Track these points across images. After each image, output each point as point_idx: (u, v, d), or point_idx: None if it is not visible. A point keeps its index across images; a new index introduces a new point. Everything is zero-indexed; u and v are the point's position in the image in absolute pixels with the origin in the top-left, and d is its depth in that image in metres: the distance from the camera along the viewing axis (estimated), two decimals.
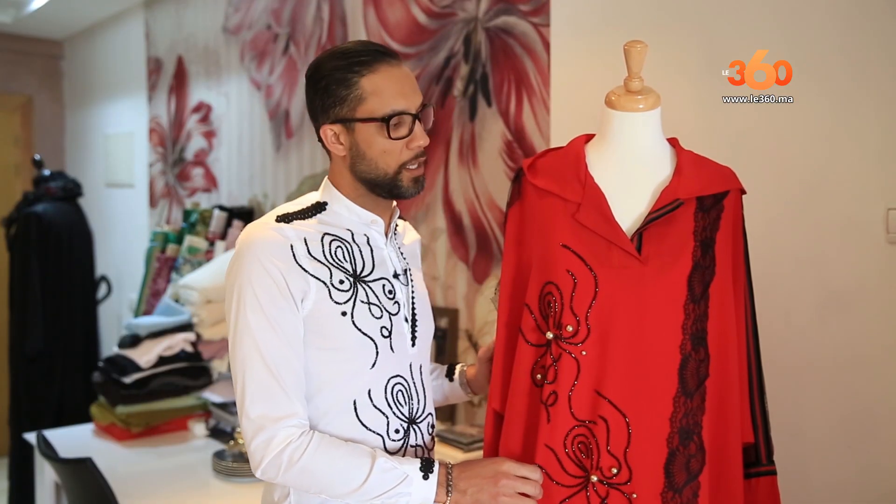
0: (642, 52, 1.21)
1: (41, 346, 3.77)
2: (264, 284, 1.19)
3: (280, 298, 1.20)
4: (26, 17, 4.60)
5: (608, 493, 1.18)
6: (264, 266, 1.20)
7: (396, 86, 1.24)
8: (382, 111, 1.23)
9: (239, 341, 1.20)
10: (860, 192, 1.56)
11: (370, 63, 1.23)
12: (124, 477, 2.32)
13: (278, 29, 3.33)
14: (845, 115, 1.58)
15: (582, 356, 1.19)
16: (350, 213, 1.30)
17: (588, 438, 1.19)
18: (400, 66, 1.26)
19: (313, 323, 1.22)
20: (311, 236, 1.25)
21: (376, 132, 1.24)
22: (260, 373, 1.19)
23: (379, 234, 1.32)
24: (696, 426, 1.18)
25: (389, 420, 1.27)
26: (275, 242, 1.21)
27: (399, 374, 1.29)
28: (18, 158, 5.24)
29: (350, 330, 1.23)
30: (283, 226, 1.24)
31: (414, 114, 1.24)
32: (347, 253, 1.27)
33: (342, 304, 1.23)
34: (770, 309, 1.57)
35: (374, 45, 1.26)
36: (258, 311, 1.19)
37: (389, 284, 1.30)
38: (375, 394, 1.26)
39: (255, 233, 1.23)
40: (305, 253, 1.22)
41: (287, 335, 1.20)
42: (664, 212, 1.20)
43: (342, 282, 1.24)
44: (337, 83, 1.24)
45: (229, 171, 3.72)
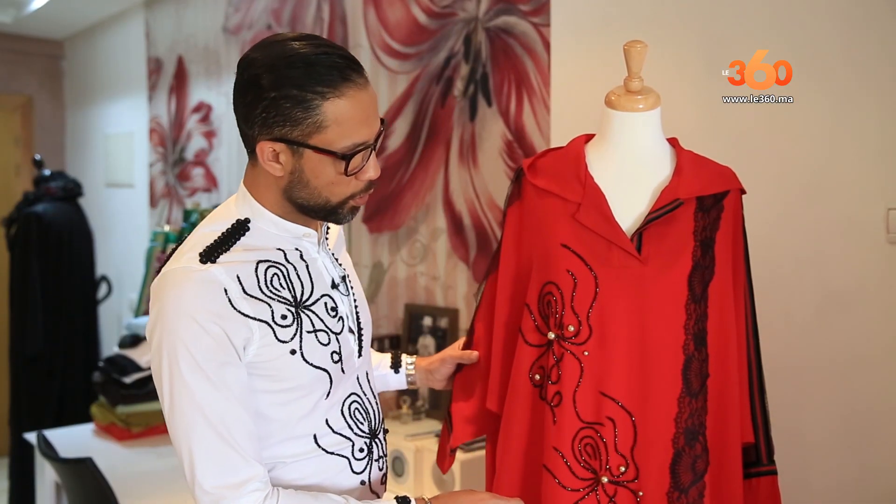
0: (642, 52, 1.21)
1: (41, 346, 3.77)
2: (201, 343, 1.05)
3: (221, 353, 1.06)
4: (26, 17, 4.60)
5: (616, 492, 1.18)
6: (198, 322, 1.04)
7: (362, 114, 1.08)
8: (342, 144, 1.07)
9: (178, 408, 1.06)
10: (860, 192, 1.56)
11: (338, 85, 1.06)
12: (124, 477, 2.32)
13: (278, 29, 3.33)
14: (845, 115, 1.58)
15: (584, 356, 1.19)
16: (277, 228, 1.15)
17: (596, 440, 1.19)
18: (367, 85, 1.09)
19: (260, 368, 1.10)
20: (243, 270, 1.09)
21: (329, 164, 1.09)
22: (210, 440, 1.05)
23: (311, 245, 1.19)
24: (701, 426, 1.18)
25: (354, 441, 1.19)
26: (205, 291, 1.06)
27: (353, 392, 1.21)
28: (18, 158, 5.24)
29: (301, 367, 1.12)
30: (210, 267, 1.07)
31: (372, 144, 1.10)
32: (284, 279, 1.13)
33: (289, 342, 1.11)
34: (770, 309, 1.57)
35: (341, 57, 1.08)
36: (198, 373, 1.05)
37: (331, 301, 1.18)
38: (334, 420, 1.17)
39: (179, 282, 1.07)
40: (241, 293, 1.08)
41: (234, 392, 1.07)
42: (664, 212, 1.20)
43: (284, 316, 1.11)
44: (293, 101, 1.05)
45: (229, 171, 3.72)
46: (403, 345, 2.63)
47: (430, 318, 2.57)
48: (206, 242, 1.11)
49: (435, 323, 2.55)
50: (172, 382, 1.06)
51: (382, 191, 2.77)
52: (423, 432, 2.24)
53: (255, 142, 1.10)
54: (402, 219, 2.71)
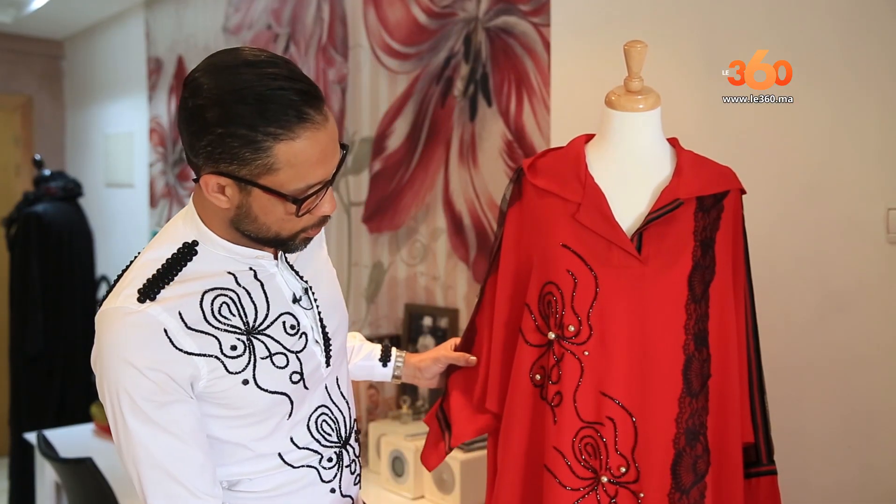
0: (642, 52, 1.21)
1: (41, 346, 3.77)
2: (140, 387, 1.00)
3: (162, 395, 1.01)
4: (26, 17, 4.60)
5: (617, 492, 1.18)
6: (135, 367, 0.99)
7: (318, 155, 0.99)
8: (295, 186, 0.99)
9: (126, 448, 1.03)
10: (860, 192, 1.56)
11: (292, 126, 0.96)
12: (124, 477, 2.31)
13: (278, 29, 3.33)
14: (845, 115, 1.58)
15: (584, 356, 1.19)
16: (228, 252, 1.09)
17: (596, 440, 1.19)
18: (325, 122, 1.00)
19: (212, 398, 1.05)
20: (185, 304, 1.03)
21: (279, 204, 1.01)
22: (157, 479, 1.02)
23: (268, 262, 1.12)
24: (702, 427, 1.18)
25: (322, 453, 1.17)
26: (142, 333, 1.00)
27: (320, 404, 1.16)
28: (18, 158, 5.24)
29: (256, 395, 1.07)
30: (149, 306, 1.01)
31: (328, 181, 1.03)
32: (235, 306, 1.07)
33: (241, 373, 1.06)
34: (770, 309, 1.57)
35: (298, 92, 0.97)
36: (140, 417, 1.00)
37: (291, 318, 1.12)
38: (299, 437, 1.14)
39: (115, 324, 1.01)
40: (183, 330, 1.02)
41: (180, 427, 1.03)
42: (664, 212, 1.20)
43: (234, 347, 1.05)
44: (240, 140, 0.96)
45: None
46: (403, 345, 2.63)
47: (430, 318, 2.57)
48: (147, 274, 1.05)
49: (435, 323, 2.55)
50: (116, 423, 1.03)
51: (382, 191, 2.77)
52: (423, 432, 2.24)
53: (199, 171, 1.04)
54: (402, 219, 2.71)
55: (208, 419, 1.08)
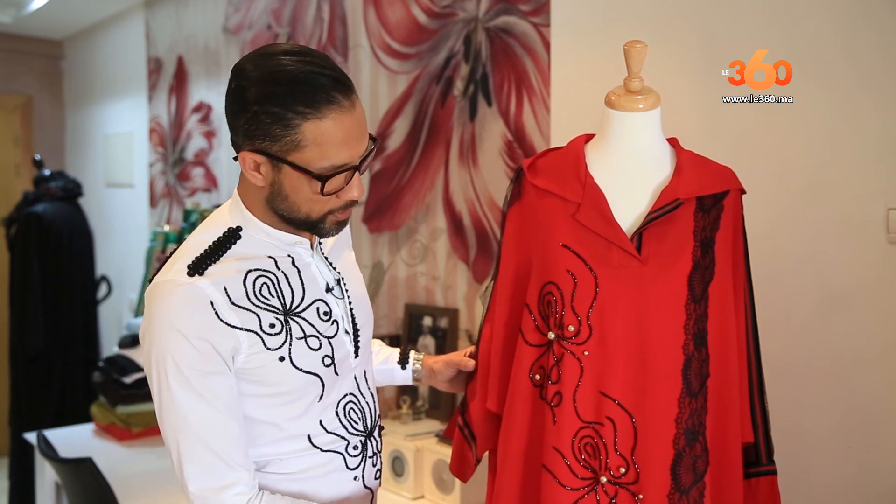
0: (642, 52, 1.21)
1: (41, 346, 3.77)
2: (186, 355, 1.07)
3: (206, 364, 1.08)
4: (26, 17, 4.60)
5: (617, 493, 1.18)
6: (183, 335, 1.07)
7: (343, 136, 1.07)
8: (320, 164, 1.07)
9: (167, 415, 1.10)
10: (860, 192, 1.56)
11: (319, 106, 1.04)
12: (124, 477, 2.32)
13: (278, 29, 3.33)
14: (845, 115, 1.58)
15: (584, 356, 1.19)
16: (269, 237, 1.17)
17: (595, 440, 1.19)
18: (353, 107, 1.07)
19: (249, 374, 1.12)
20: (230, 281, 1.11)
21: (306, 182, 1.09)
22: (194, 447, 1.09)
23: (304, 250, 1.20)
24: (701, 427, 1.18)
25: (349, 440, 1.23)
26: (191, 304, 1.08)
27: (348, 392, 1.23)
28: (18, 158, 5.24)
29: (291, 373, 1.14)
30: (197, 280, 1.09)
31: (355, 165, 1.10)
32: (274, 287, 1.15)
33: (278, 350, 1.13)
34: (770, 309, 1.57)
35: (329, 77, 1.06)
36: (184, 384, 1.08)
37: (324, 305, 1.20)
38: (328, 421, 1.20)
39: (166, 296, 1.09)
40: (228, 304, 1.09)
41: (220, 401, 1.09)
42: (664, 212, 1.20)
43: (273, 325, 1.13)
44: (272, 118, 1.05)
45: (229, 171, 3.72)
46: (403, 345, 2.63)
47: (430, 318, 2.57)
48: (196, 253, 1.13)
49: (435, 323, 2.55)
50: (161, 390, 1.09)
51: (382, 191, 2.77)
52: (423, 432, 2.24)
53: (239, 150, 1.12)
54: (402, 219, 2.71)
55: (244, 398, 1.14)
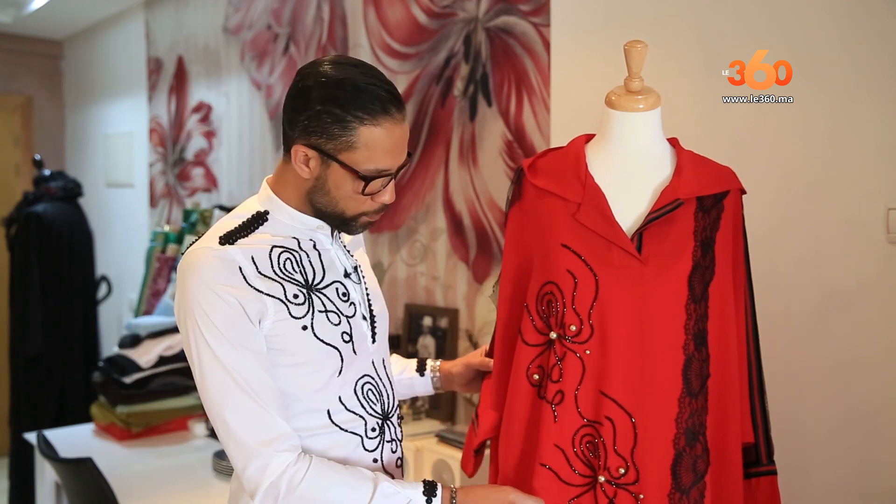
0: (642, 52, 1.21)
1: (41, 346, 3.77)
2: (220, 310, 1.14)
3: (240, 320, 1.15)
4: (26, 17, 4.60)
5: (616, 494, 1.18)
6: (216, 292, 1.14)
7: (391, 144, 1.18)
8: (366, 166, 1.17)
9: (208, 373, 1.15)
10: (860, 192, 1.56)
11: (376, 115, 1.15)
12: (124, 477, 2.32)
13: (278, 29, 3.33)
14: (845, 115, 1.58)
15: (586, 355, 1.19)
16: (293, 220, 1.26)
17: (595, 438, 1.19)
18: (402, 121, 1.19)
19: (274, 342, 1.19)
20: (258, 253, 1.20)
21: (350, 180, 1.19)
22: (239, 399, 1.14)
23: (325, 237, 1.28)
24: (702, 427, 1.18)
25: (367, 420, 1.27)
26: (222, 266, 1.16)
27: (366, 373, 1.28)
28: (18, 158, 5.24)
29: (313, 343, 1.21)
30: (228, 248, 1.18)
31: (393, 173, 1.21)
32: (297, 263, 1.23)
33: (301, 319, 1.20)
34: (770, 309, 1.57)
35: (388, 92, 1.18)
36: (220, 339, 1.14)
37: (343, 287, 1.27)
38: (347, 398, 1.25)
39: (199, 259, 1.17)
40: (255, 272, 1.18)
41: (256, 355, 1.16)
42: (664, 212, 1.20)
43: (297, 296, 1.20)
44: (333, 118, 1.15)
45: (229, 171, 3.72)
46: (403, 345, 2.63)
47: (430, 318, 2.57)
48: (227, 229, 1.22)
49: (435, 323, 2.55)
50: (199, 350, 1.16)
51: None
52: (423, 432, 2.24)
53: (292, 143, 1.20)
54: (402, 219, 2.71)
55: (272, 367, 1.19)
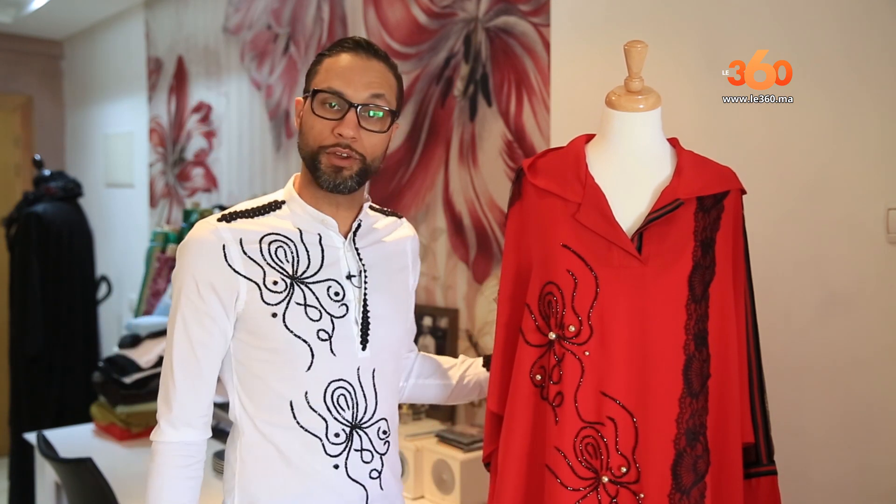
0: (642, 52, 1.21)
1: (41, 346, 3.77)
2: (187, 285, 1.23)
3: (199, 301, 1.22)
4: (26, 17, 4.60)
5: (618, 492, 1.18)
6: (191, 266, 1.23)
7: (347, 71, 1.24)
8: (319, 86, 1.25)
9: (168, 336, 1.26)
10: (860, 192, 1.56)
11: (342, 49, 1.27)
12: (124, 477, 2.32)
13: (278, 29, 3.33)
14: (846, 115, 1.58)
15: (585, 356, 1.19)
16: (303, 212, 1.30)
17: (596, 440, 1.19)
18: (368, 59, 1.26)
19: (247, 323, 1.24)
20: (249, 236, 1.25)
21: (310, 108, 1.25)
22: (166, 371, 1.25)
23: (335, 234, 1.30)
24: (702, 427, 1.18)
25: (328, 423, 1.26)
26: (206, 243, 1.23)
27: (342, 377, 1.27)
28: (18, 158, 5.24)
29: (281, 331, 1.23)
30: (222, 226, 1.24)
31: (350, 102, 1.23)
32: (290, 253, 1.26)
33: (273, 306, 1.23)
34: (770, 309, 1.57)
35: (362, 40, 1.29)
36: (180, 308, 1.23)
37: (337, 286, 1.28)
38: (313, 396, 1.25)
39: (193, 232, 1.25)
40: (239, 254, 1.23)
41: (194, 341, 1.23)
42: (664, 212, 1.20)
43: (276, 283, 1.23)
44: (314, 62, 1.30)
45: (229, 171, 3.72)
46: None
47: (430, 318, 2.57)
48: (236, 209, 1.29)
49: (435, 323, 2.55)
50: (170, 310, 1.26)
51: (383, 191, 2.77)
52: (424, 432, 2.24)
53: None
54: None
55: (240, 345, 1.26)
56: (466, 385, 1.53)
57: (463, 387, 1.53)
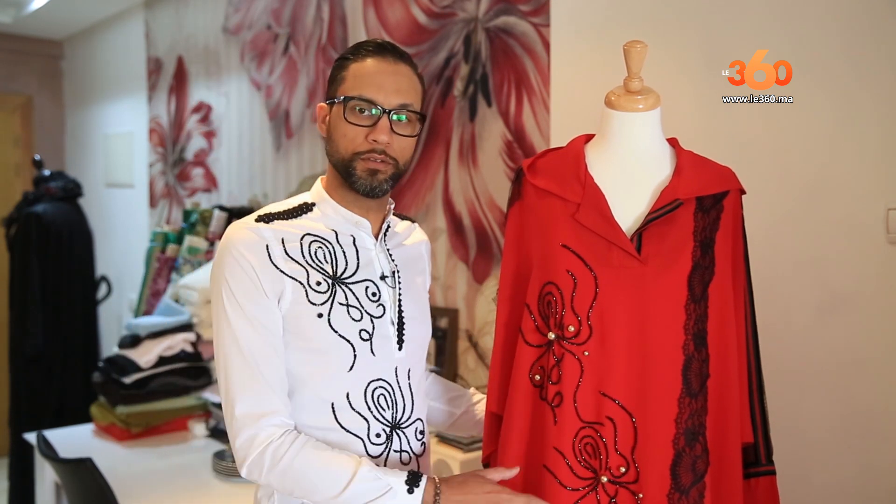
0: (642, 52, 1.21)
1: (41, 346, 3.77)
2: (240, 281, 1.20)
3: (257, 294, 1.20)
4: (26, 17, 4.60)
5: (617, 492, 1.18)
6: (239, 263, 1.21)
7: (376, 77, 1.24)
8: (349, 93, 1.24)
9: (220, 338, 1.21)
10: (860, 192, 1.56)
11: (367, 53, 1.26)
12: (124, 477, 2.32)
13: (278, 29, 3.33)
14: (846, 115, 1.58)
15: (584, 356, 1.19)
16: (336, 213, 1.30)
17: (595, 440, 1.19)
18: (395, 63, 1.26)
19: (290, 323, 1.22)
20: (289, 236, 1.25)
21: (341, 115, 1.25)
22: (240, 369, 1.19)
23: (367, 235, 1.31)
24: (701, 427, 1.18)
25: (370, 424, 1.25)
26: (250, 242, 1.22)
27: (381, 377, 1.27)
28: (18, 158, 5.24)
29: (326, 332, 1.22)
30: (262, 226, 1.24)
31: (382, 108, 1.23)
32: (329, 254, 1.26)
33: (318, 306, 1.22)
34: (770, 309, 1.57)
35: (386, 43, 1.28)
36: (236, 308, 1.20)
37: (374, 286, 1.29)
38: (354, 397, 1.24)
39: (233, 233, 1.24)
40: (282, 253, 1.22)
41: (266, 330, 1.20)
42: (664, 212, 1.19)
43: (319, 283, 1.23)
44: (337, 66, 1.29)
45: (229, 171, 3.72)
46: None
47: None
48: (270, 210, 1.29)
49: (435, 323, 2.54)
50: (218, 315, 1.22)
51: None
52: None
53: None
54: None
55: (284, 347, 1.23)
56: (471, 419, 1.51)
57: (467, 419, 1.51)
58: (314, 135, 3.13)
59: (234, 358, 1.19)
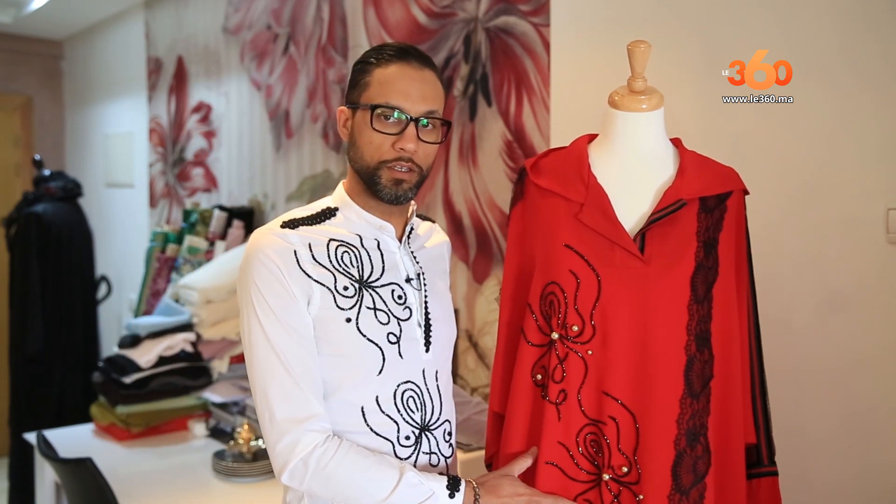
0: (646, 52, 1.21)
1: (41, 346, 3.77)
2: (272, 288, 1.19)
3: (287, 298, 1.19)
4: (26, 17, 4.60)
5: (620, 491, 1.18)
6: (268, 268, 1.20)
7: (402, 83, 1.23)
8: (375, 100, 1.23)
9: (255, 347, 1.20)
10: (860, 192, 1.56)
11: (391, 58, 1.25)
12: (124, 477, 2.32)
13: (278, 29, 3.33)
14: (845, 115, 1.58)
15: (588, 355, 1.19)
16: (360, 218, 1.30)
17: (598, 437, 1.19)
18: (420, 69, 1.25)
19: (319, 328, 1.22)
20: (316, 242, 1.24)
21: (366, 121, 1.24)
22: (280, 376, 1.18)
23: (391, 239, 1.31)
24: (703, 427, 1.18)
25: (400, 426, 1.25)
26: (278, 247, 1.21)
27: (409, 380, 1.27)
28: (18, 158, 5.24)
29: (355, 336, 1.22)
30: (288, 231, 1.24)
31: (409, 116, 1.23)
32: (355, 258, 1.26)
33: (347, 311, 1.22)
34: (770, 309, 1.57)
35: (409, 47, 1.27)
36: (269, 315, 1.19)
37: (400, 289, 1.29)
38: (384, 400, 1.24)
39: (259, 239, 1.23)
40: (310, 258, 1.22)
41: (300, 336, 1.20)
42: (667, 212, 1.20)
43: (347, 288, 1.23)
44: (359, 69, 1.28)
45: (229, 171, 3.72)
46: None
47: None
48: (294, 216, 1.28)
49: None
50: (250, 325, 1.21)
51: None
52: None
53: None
54: None
55: None
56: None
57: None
58: (314, 135, 3.13)
59: (273, 365, 1.18)
